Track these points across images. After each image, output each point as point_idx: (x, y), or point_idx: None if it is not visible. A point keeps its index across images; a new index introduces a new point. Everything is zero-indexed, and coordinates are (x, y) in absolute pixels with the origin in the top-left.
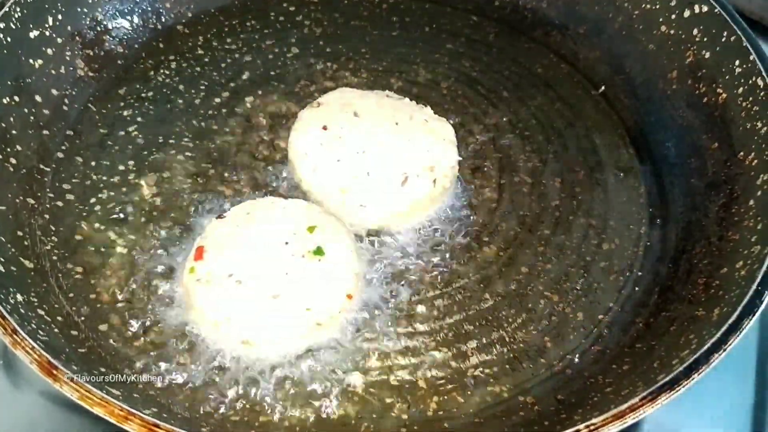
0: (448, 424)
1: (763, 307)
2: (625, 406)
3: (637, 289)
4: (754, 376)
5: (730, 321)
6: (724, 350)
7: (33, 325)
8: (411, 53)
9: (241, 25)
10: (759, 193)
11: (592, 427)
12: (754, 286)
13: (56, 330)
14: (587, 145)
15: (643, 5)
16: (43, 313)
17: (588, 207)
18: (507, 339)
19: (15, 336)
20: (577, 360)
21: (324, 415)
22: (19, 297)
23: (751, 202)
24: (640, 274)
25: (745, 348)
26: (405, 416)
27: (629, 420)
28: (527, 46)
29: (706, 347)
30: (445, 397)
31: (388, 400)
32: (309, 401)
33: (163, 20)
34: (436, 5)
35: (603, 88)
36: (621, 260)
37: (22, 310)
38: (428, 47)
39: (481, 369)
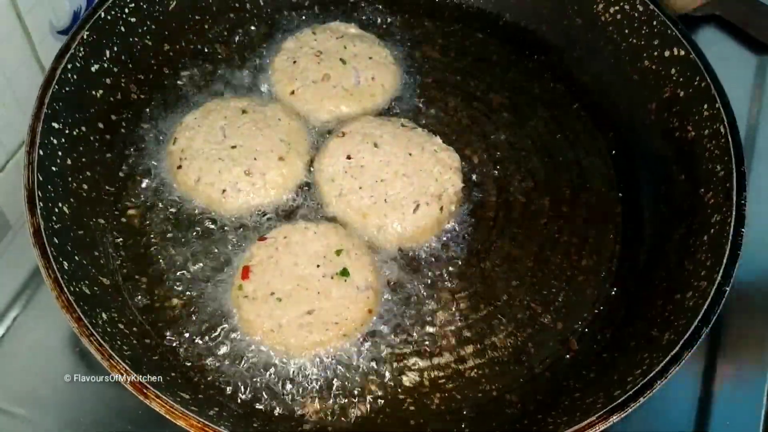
0: (449, 417)
1: (700, 341)
2: (584, 423)
3: (607, 303)
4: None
5: (673, 352)
6: (666, 377)
7: (118, 341)
8: (422, 74)
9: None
10: (712, 231)
11: None
12: (695, 322)
13: (134, 341)
14: (574, 167)
15: (630, 39)
16: (122, 327)
17: (571, 225)
18: (498, 344)
19: (111, 361)
20: (554, 365)
21: (347, 410)
22: (104, 316)
23: (705, 238)
24: (611, 289)
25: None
26: (413, 408)
27: None
28: (527, 65)
29: (651, 375)
30: (446, 395)
31: (400, 397)
32: (336, 399)
33: (204, 41)
34: (446, 23)
35: None
36: (596, 275)
37: (108, 329)
38: (439, 65)
39: (476, 370)
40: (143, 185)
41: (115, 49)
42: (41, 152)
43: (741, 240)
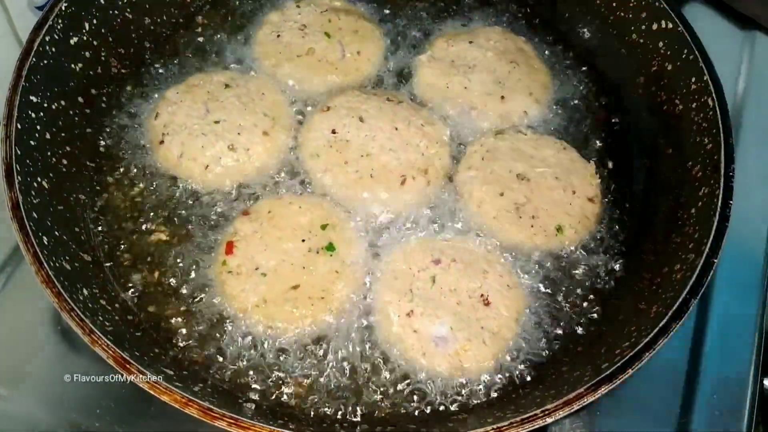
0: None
1: (689, 312)
2: (573, 395)
3: (594, 277)
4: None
5: (661, 324)
6: (654, 350)
7: (100, 317)
8: (408, 46)
9: None
10: (699, 204)
11: (546, 412)
12: (683, 294)
13: (117, 318)
14: (563, 137)
15: (618, 12)
16: (104, 303)
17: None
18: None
19: (92, 336)
20: (543, 337)
21: (331, 384)
22: (85, 291)
23: (693, 211)
24: (598, 263)
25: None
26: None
27: (575, 406)
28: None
29: (639, 347)
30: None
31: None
32: (321, 373)
33: (186, 14)
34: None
35: None
36: (584, 249)
37: (90, 305)
38: (425, 39)
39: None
40: (124, 160)
41: (95, 22)
42: (19, 126)
43: (729, 212)
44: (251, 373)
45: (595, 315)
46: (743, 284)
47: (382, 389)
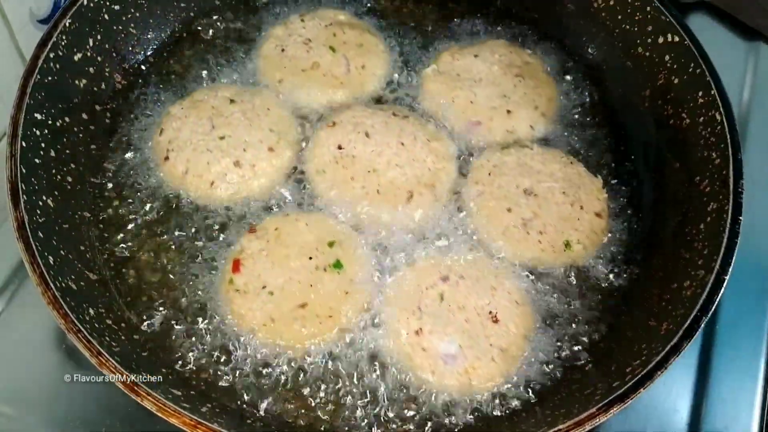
0: (446, 412)
1: (699, 331)
2: (584, 415)
3: (603, 292)
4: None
5: (673, 342)
6: (666, 368)
7: (106, 338)
8: (413, 60)
9: None
10: (708, 219)
11: None
12: (694, 312)
13: (123, 337)
14: (569, 151)
15: (624, 25)
16: (110, 322)
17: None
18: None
19: (100, 357)
20: (552, 354)
21: (342, 405)
22: (91, 311)
23: (702, 227)
24: (606, 278)
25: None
26: None
27: (587, 426)
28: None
29: (650, 366)
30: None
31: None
32: (331, 393)
33: (190, 28)
34: (437, 9)
35: None
36: (588, 262)
37: (96, 325)
38: (430, 52)
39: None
40: (129, 177)
41: (99, 37)
42: (24, 144)
43: (739, 229)
44: (259, 392)
45: (604, 331)
46: (752, 293)
47: (391, 407)
